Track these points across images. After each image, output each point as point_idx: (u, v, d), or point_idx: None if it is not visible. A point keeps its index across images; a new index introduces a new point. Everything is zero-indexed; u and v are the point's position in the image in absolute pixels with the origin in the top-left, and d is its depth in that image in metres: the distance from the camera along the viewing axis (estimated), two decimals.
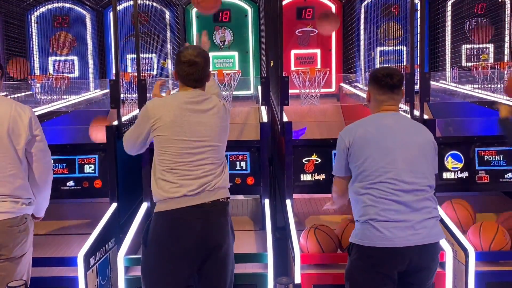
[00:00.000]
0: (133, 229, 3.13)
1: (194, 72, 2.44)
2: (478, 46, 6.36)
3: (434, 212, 2.35)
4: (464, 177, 3.48)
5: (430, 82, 3.48)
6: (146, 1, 5.36)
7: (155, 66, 6.19)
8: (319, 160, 3.46)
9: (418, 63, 3.45)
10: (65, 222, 3.61)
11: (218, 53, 6.68)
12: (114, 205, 3.36)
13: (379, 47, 6.33)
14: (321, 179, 3.45)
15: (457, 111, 4.80)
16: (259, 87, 5.54)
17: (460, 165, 3.49)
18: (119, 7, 3.72)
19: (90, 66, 6.80)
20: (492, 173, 3.48)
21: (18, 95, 5.66)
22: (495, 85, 5.06)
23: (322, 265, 2.92)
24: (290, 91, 3.60)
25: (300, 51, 6.75)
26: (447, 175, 3.48)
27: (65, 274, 2.89)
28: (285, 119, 3.62)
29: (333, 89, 6.81)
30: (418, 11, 3.39)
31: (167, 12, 6.33)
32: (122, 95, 3.61)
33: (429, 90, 3.44)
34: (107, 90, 5.47)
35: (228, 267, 2.48)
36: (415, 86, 3.46)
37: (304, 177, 3.46)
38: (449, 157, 3.49)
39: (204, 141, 2.43)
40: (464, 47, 6.39)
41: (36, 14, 6.43)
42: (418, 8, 3.39)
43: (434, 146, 2.44)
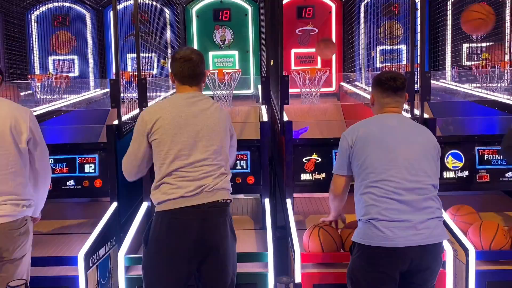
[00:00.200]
0: (133, 228, 3.13)
1: (189, 67, 2.43)
2: (478, 45, 6.35)
3: (437, 213, 2.35)
4: (465, 176, 3.48)
5: (431, 81, 3.48)
6: (146, 0, 5.36)
7: (155, 65, 6.18)
8: (320, 159, 3.46)
9: (418, 62, 3.44)
10: (65, 221, 3.61)
11: (218, 52, 6.68)
12: (114, 205, 3.36)
13: (379, 46, 6.33)
14: (321, 178, 3.46)
15: (458, 110, 4.79)
16: (259, 86, 5.54)
17: (461, 164, 3.49)
18: (119, 6, 3.71)
19: (90, 65, 6.80)
20: (493, 172, 3.48)
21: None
22: (496, 84, 5.06)
23: (322, 265, 2.91)
24: (290, 90, 3.59)
25: (300, 50, 6.75)
26: (447, 174, 3.47)
27: (66, 273, 2.89)
28: (286, 118, 3.62)
29: (333, 88, 6.81)
30: (419, 10, 3.38)
31: (167, 11, 6.32)
32: (122, 95, 3.61)
33: (429, 89, 3.44)
34: (107, 90, 5.47)
35: (228, 268, 2.46)
36: (416, 85, 3.47)
37: (305, 177, 3.47)
38: (450, 156, 3.49)
39: (202, 142, 2.42)
40: (465, 46, 6.38)
41: (36, 13, 6.43)
42: (419, 7, 3.39)
43: (437, 149, 2.44)
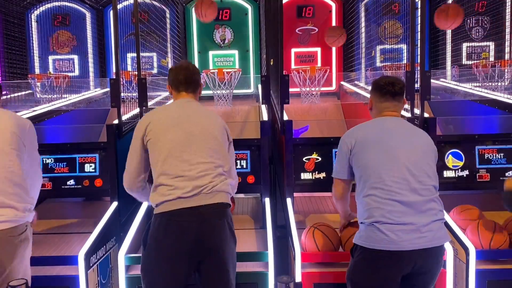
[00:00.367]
0: (133, 228, 3.13)
1: (184, 73, 2.57)
2: (478, 44, 6.36)
3: (439, 215, 2.34)
4: (465, 176, 3.48)
5: (431, 81, 3.48)
6: (146, 0, 5.36)
7: (155, 64, 6.19)
8: (320, 159, 3.45)
9: (418, 62, 3.44)
10: (65, 221, 3.61)
11: (218, 52, 6.68)
12: (114, 204, 3.36)
13: (379, 45, 6.33)
14: (321, 178, 3.45)
15: (458, 109, 4.79)
16: (259, 85, 5.54)
17: (461, 164, 3.49)
18: (119, 6, 3.70)
19: (90, 64, 6.80)
20: (493, 171, 3.48)
21: (19, 94, 5.67)
22: (496, 83, 5.06)
23: (322, 264, 2.91)
24: (291, 89, 3.59)
25: (300, 50, 6.75)
26: (447, 174, 3.47)
27: (66, 273, 2.89)
28: (286, 117, 3.62)
29: (333, 87, 6.81)
30: (419, 9, 3.38)
31: (167, 10, 6.32)
32: (122, 94, 3.61)
33: (429, 89, 3.44)
34: (108, 89, 5.47)
35: (228, 271, 2.43)
36: (416, 85, 3.47)
37: (305, 176, 3.46)
38: (450, 156, 3.49)
39: (196, 139, 2.44)
40: (465, 45, 6.38)
41: (36, 13, 6.43)
42: (419, 6, 3.39)
43: (435, 153, 2.45)
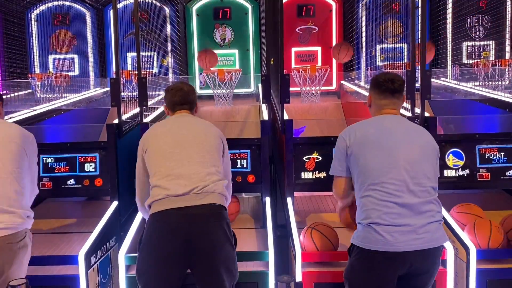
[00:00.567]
0: (134, 227, 3.12)
1: (180, 95, 2.66)
2: (479, 43, 6.35)
3: (437, 216, 2.33)
4: (465, 175, 3.47)
5: (431, 80, 3.47)
6: None
7: (156, 64, 6.18)
8: (320, 158, 3.45)
9: (419, 61, 3.44)
10: (66, 220, 3.61)
11: (218, 51, 6.66)
12: (115, 204, 3.36)
13: (379, 44, 6.32)
14: (322, 177, 3.45)
15: (458, 108, 4.78)
16: (259, 85, 5.53)
17: (461, 163, 3.48)
18: (119, 5, 3.70)
19: (91, 64, 6.79)
20: (493, 171, 3.47)
21: (19, 93, 5.67)
22: (496, 83, 5.05)
23: (323, 263, 2.91)
24: (291, 88, 3.59)
25: (300, 49, 6.74)
26: (448, 173, 3.47)
27: (66, 272, 2.89)
28: (286, 117, 3.62)
29: (333, 86, 6.80)
30: (419, 8, 3.37)
31: (167, 10, 6.31)
32: (122, 93, 3.61)
33: (430, 88, 3.43)
34: (108, 88, 5.45)
35: (220, 275, 2.39)
36: (416, 84, 3.46)
37: (305, 175, 3.46)
38: (450, 155, 3.48)
39: (187, 141, 2.51)
40: (465, 44, 6.37)
41: (36, 12, 6.42)
42: (419, 5, 3.38)
43: (436, 151, 2.43)
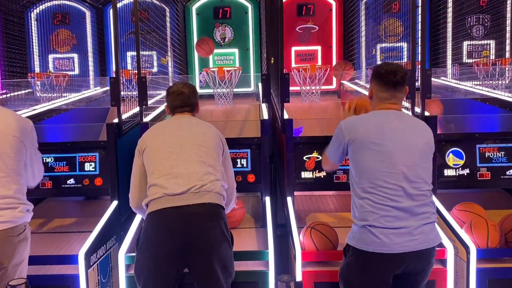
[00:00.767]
0: (133, 227, 3.12)
1: (181, 99, 2.66)
2: (479, 42, 6.34)
3: (432, 218, 2.34)
4: (465, 174, 3.47)
5: (431, 79, 3.47)
6: None
7: (155, 63, 6.17)
8: (320, 157, 3.44)
9: (419, 60, 3.44)
10: (65, 220, 3.61)
11: (218, 50, 6.65)
12: (114, 203, 3.36)
13: (380, 43, 6.30)
14: (322, 177, 3.45)
15: (458, 108, 4.78)
16: (259, 84, 5.52)
17: (461, 162, 3.48)
18: (119, 4, 3.70)
19: (90, 63, 6.78)
20: (493, 170, 3.46)
21: (18, 93, 5.66)
22: (496, 82, 5.05)
23: (323, 263, 2.91)
24: (291, 88, 3.59)
25: (300, 48, 6.73)
26: (448, 172, 3.46)
27: (66, 272, 2.88)
28: (286, 116, 3.61)
29: (333, 86, 6.79)
30: (419, 8, 3.37)
31: (167, 9, 6.30)
32: (122, 93, 3.61)
33: (430, 87, 3.43)
34: (107, 88, 5.46)
35: (217, 275, 2.39)
36: (416, 83, 3.46)
37: (305, 175, 3.46)
38: (450, 154, 3.48)
39: (186, 141, 2.50)
40: (465, 43, 6.37)
41: (35, 11, 6.41)
42: (419, 5, 3.38)
43: (433, 149, 2.42)
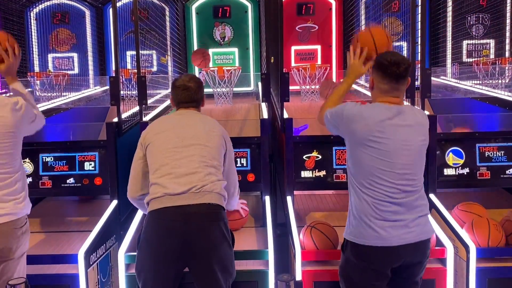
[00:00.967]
0: (133, 226, 3.12)
1: (187, 95, 2.66)
2: (479, 41, 6.34)
3: (425, 210, 2.38)
4: (465, 173, 3.47)
5: (431, 78, 3.47)
6: None
7: (155, 62, 6.17)
8: (320, 157, 3.45)
9: (419, 59, 3.43)
10: (65, 219, 3.61)
11: (218, 50, 6.65)
12: (114, 202, 3.36)
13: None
14: (322, 176, 3.45)
15: (458, 107, 4.78)
16: (259, 83, 5.52)
17: (461, 161, 3.48)
18: (119, 4, 3.69)
19: (90, 63, 6.77)
20: (493, 169, 3.47)
21: None
22: (496, 81, 5.05)
23: (323, 262, 2.91)
24: (291, 87, 3.58)
25: (300, 47, 6.73)
26: (448, 171, 3.46)
27: (66, 271, 2.89)
28: (286, 115, 3.61)
29: None
30: (419, 7, 3.37)
31: (166, 8, 6.29)
32: (122, 92, 3.61)
33: (430, 86, 3.43)
34: (107, 87, 5.45)
35: (216, 276, 2.39)
36: (416, 82, 3.45)
37: (305, 174, 3.46)
38: (450, 153, 3.48)
39: (189, 140, 2.51)
40: (465, 42, 6.36)
41: (35, 10, 6.40)
42: (419, 4, 3.37)
43: (427, 140, 2.42)
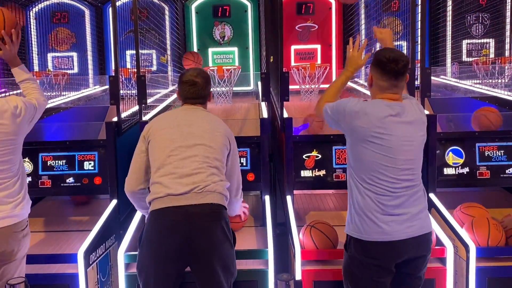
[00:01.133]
0: (133, 225, 3.12)
1: (194, 91, 2.62)
2: (478, 41, 6.34)
3: (425, 203, 2.41)
4: (465, 173, 3.47)
5: (431, 78, 3.47)
6: None
7: (155, 62, 6.17)
8: (320, 156, 3.45)
9: (418, 59, 3.43)
10: (65, 218, 3.61)
11: (217, 49, 6.65)
12: (114, 202, 3.36)
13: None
14: (321, 175, 3.45)
15: (458, 106, 4.78)
16: (259, 82, 5.52)
17: (461, 161, 3.48)
18: (118, 3, 3.68)
19: (89, 62, 6.76)
20: (493, 169, 3.47)
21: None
22: (496, 80, 5.04)
23: (322, 261, 2.91)
24: (290, 86, 3.58)
25: (300, 47, 6.72)
26: (448, 171, 3.46)
27: (66, 271, 2.88)
28: (285, 115, 3.61)
29: None
30: (419, 6, 3.37)
31: (166, 7, 6.29)
32: (121, 91, 3.61)
33: (429, 86, 3.44)
34: (107, 86, 5.45)
35: (217, 275, 2.38)
36: (416, 82, 3.45)
37: (305, 173, 3.46)
38: (450, 153, 3.48)
39: (193, 139, 2.48)
40: (465, 42, 6.36)
41: (34, 10, 6.39)
42: (419, 3, 3.37)
43: (426, 134, 2.43)
